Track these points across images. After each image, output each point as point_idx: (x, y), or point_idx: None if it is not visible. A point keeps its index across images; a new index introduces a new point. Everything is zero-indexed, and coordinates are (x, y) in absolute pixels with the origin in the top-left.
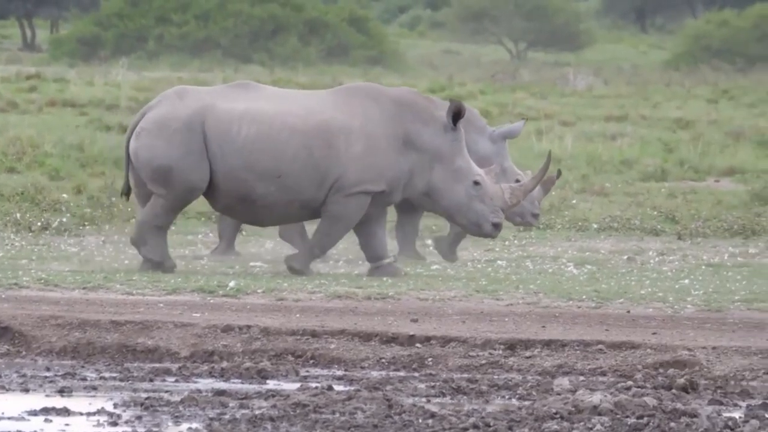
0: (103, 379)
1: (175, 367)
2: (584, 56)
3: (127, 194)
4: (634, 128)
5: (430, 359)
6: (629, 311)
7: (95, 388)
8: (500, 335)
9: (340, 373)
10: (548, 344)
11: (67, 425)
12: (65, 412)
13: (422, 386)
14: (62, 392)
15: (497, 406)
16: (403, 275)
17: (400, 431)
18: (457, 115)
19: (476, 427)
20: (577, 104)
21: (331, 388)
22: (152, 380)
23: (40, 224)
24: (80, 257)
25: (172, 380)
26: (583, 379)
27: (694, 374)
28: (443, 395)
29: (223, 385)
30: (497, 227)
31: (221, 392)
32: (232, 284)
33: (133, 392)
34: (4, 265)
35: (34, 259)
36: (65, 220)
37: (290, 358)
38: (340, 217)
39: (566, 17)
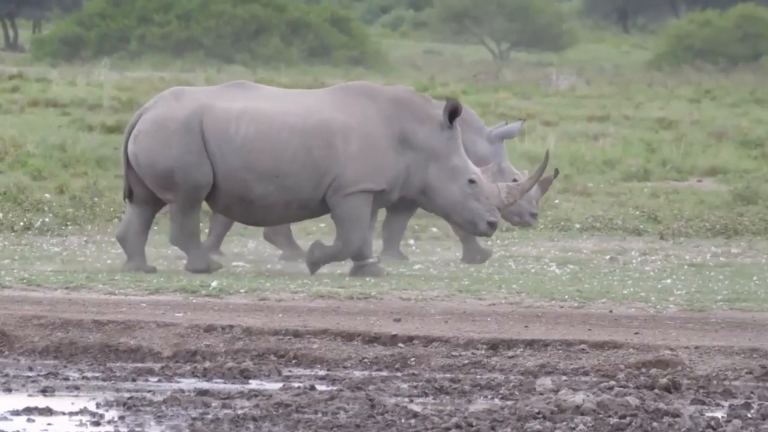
0: (85, 378)
1: (157, 366)
2: (567, 56)
3: (130, 197)
4: (616, 128)
5: (412, 359)
6: (612, 311)
7: (78, 387)
8: (483, 335)
9: (322, 372)
10: (531, 344)
11: (49, 425)
12: (48, 411)
13: (405, 386)
14: (45, 392)
15: (480, 405)
16: (385, 275)
17: (382, 431)
18: (453, 113)
19: (459, 426)
20: (559, 104)
21: (313, 387)
22: (135, 380)
23: (22, 224)
24: (63, 257)
25: (154, 380)
26: (565, 378)
27: (676, 374)
28: (426, 395)
29: (205, 384)
30: (493, 226)
31: (204, 392)
32: (214, 284)
33: (115, 392)
34: None
35: (16, 258)
36: (48, 220)
37: (273, 357)
38: (347, 218)
39: (548, 17)
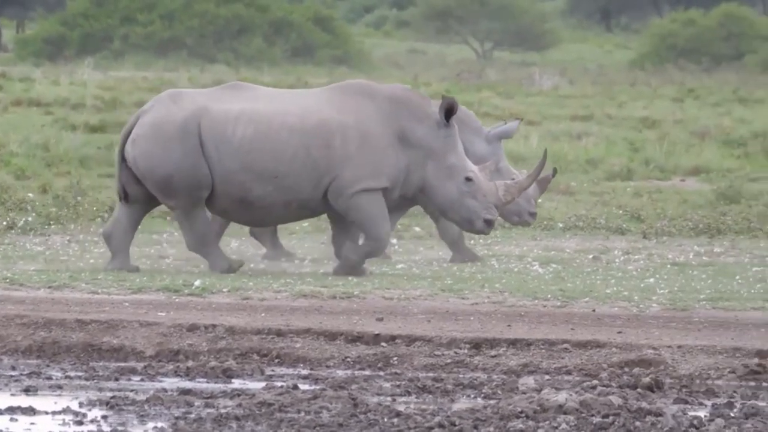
0: (68, 378)
1: (140, 366)
2: (550, 56)
3: (126, 198)
4: (599, 128)
5: (395, 358)
6: (594, 310)
7: (61, 387)
8: (465, 334)
9: (305, 372)
10: (514, 343)
11: (32, 424)
12: (31, 411)
13: (387, 385)
14: (28, 391)
15: (463, 405)
16: (368, 275)
17: (365, 430)
18: (449, 111)
19: (441, 426)
20: (542, 104)
21: (296, 387)
22: (118, 379)
23: (5, 223)
24: (46, 256)
25: (137, 379)
26: (548, 378)
27: (659, 373)
28: (408, 394)
29: (188, 384)
30: (489, 224)
31: (187, 391)
32: (197, 283)
33: (98, 391)
34: None
35: None
36: (31, 219)
37: (256, 357)
38: (365, 218)
39: (532, 17)
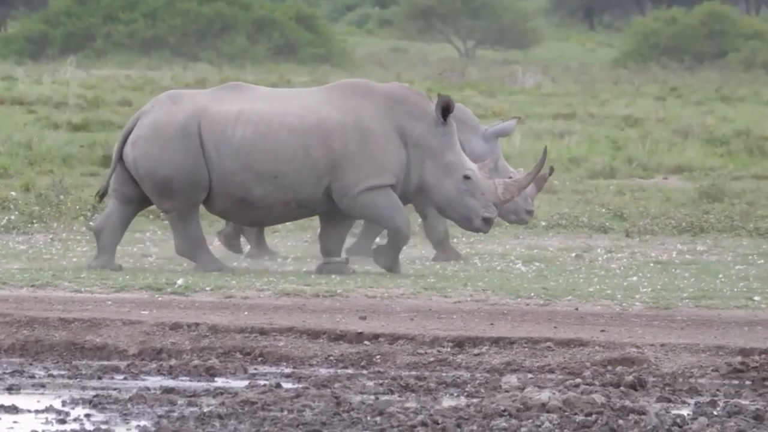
0: (51, 376)
1: (123, 364)
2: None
3: (102, 196)
4: (582, 126)
5: (378, 357)
6: (577, 309)
7: (44, 385)
8: (448, 333)
9: (288, 370)
10: (496, 342)
11: (15, 423)
12: (13, 409)
13: (370, 384)
14: (10, 390)
15: (446, 403)
16: (351, 273)
17: (348, 429)
18: (446, 109)
19: (424, 424)
20: (525, 102)
21: (279, 385)
22: (101, 378)
23: None
24: (28, 255)
25: (120, 378)
26: (531, 376)
27: (642, 371)
28: (391, 393)
29: (171, 382)
30: (488, 222)
31: (169, 390)
32: (180, 282)
33: (81, 390)
34: None
35: None
36: (13, 217)
37: (238, 355)
38: (375, 216)
39: (514, 15)
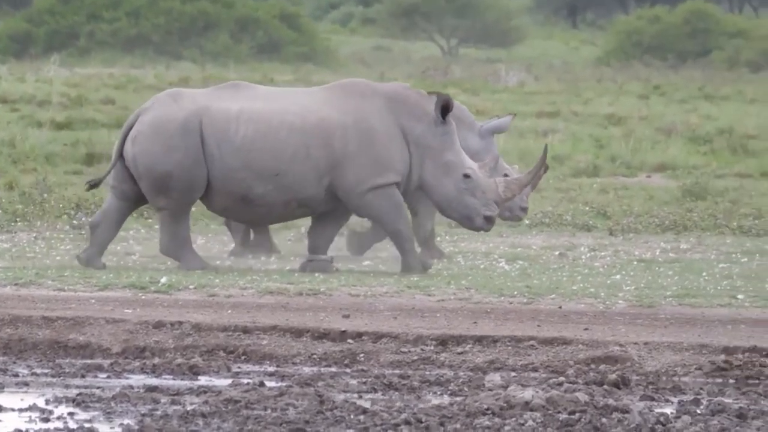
0: (34, 375)
1: (106, 363)
2: (516, 52)
3: (93, 186)
4: (565, 124)
5: (361, 355)
6: (561, 307)
7: (27, 384)
8: (432, 331)
9: (271, 369)
10: (480, 340)
11: None
12: None
13: (354, 382)
14: None
15: (429, 401)
16: (334, 272)
17: (331, 427)
18: (445, 108)
19: (408, 422)
20: (508, 100)
21: (262, 384)
22: (84, 376)
23: None
24: (12, 253)
25: (103, 376)
26: (514, 374)
27: (625, 370)
28: (375, 391)
29: (154, 381)
30: (489, 220)
31: (153, 388)
32: (163, 280)
33: (65, 388)
34: None
35: None
36: None
37: (222, 354)
38: (376, 216)
39: (497, 14)
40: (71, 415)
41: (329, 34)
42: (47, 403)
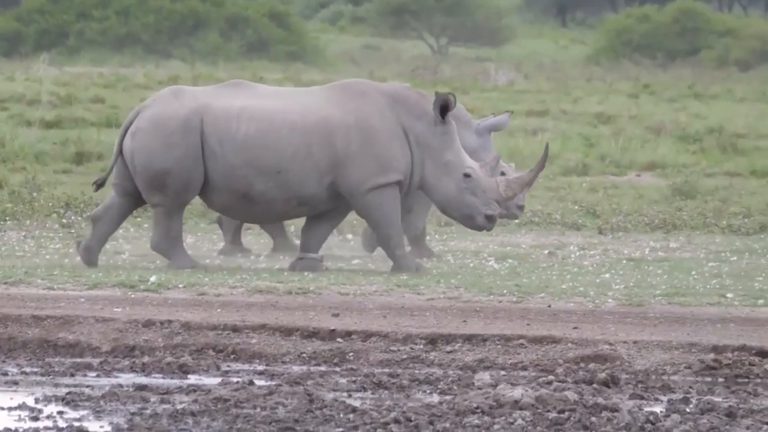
0: (24, 373)
1: (96, 362)
2: (505, 51)
3: (100, 185)
4: (555, 123)
5: (351, 354)
6: (550, 306)
7: (16, 382)
8: (421, 330)
9: (261, 367)
10: (469, 339)
11: None
12: None
13: (343, 381)
14: None
15: (418, 400)
16: (323, 270)
17: (321, 426)
18: (444, 108)
19: (397, 421)
20: (498, 99)
21: (252, 382)
22: (73, 375)
23: None
24: (1, 252)
25: (93, 375)
26: (504, 373)
27: (615, 369)
28: (364, 390)
29: (144, 380)
30: (491, 219)
31: (142, 387)
32: (153, 279)
33: (54, 387)
34: None
35: None
36: None
37: (211, 352)
38: (373, 219)
39: (487, 12)
40: (61, 413)
41: (319, 32)
42: (37, 401)
